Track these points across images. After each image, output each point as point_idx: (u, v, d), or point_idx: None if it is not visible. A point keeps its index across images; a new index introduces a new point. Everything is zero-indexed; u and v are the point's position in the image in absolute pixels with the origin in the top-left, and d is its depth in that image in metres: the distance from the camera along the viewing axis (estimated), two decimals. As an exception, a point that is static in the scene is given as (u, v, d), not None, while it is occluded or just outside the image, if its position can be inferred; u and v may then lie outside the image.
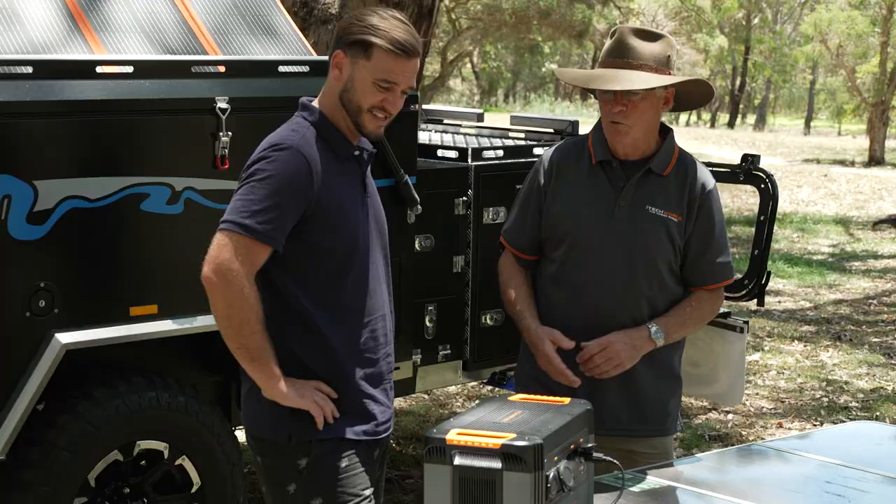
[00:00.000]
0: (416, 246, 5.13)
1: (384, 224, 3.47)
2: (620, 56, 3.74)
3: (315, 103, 3.35)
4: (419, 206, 5.01)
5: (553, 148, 3.98)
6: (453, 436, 2.63)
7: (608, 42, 3.85)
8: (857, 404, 8.02)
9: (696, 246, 3.82)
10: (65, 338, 4.13)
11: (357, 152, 3.36)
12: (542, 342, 3.76)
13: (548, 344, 3.75)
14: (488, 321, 5.41)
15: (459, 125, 6.73)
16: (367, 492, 3.36)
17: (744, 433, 7.35)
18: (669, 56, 3.76)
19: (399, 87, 3.27)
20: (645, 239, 3.76)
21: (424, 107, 6.96)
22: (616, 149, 3.78)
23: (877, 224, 16.87)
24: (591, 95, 3.96)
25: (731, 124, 53.02)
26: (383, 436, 3.42)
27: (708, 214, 3.82)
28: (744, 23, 45.84)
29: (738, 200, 20.84)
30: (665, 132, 3.85)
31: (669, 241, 3.77)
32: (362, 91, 3.26)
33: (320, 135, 3.29)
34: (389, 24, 3.24)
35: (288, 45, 5.01)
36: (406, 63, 3.25)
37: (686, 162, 3.84)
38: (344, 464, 3.31)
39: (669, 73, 3.75)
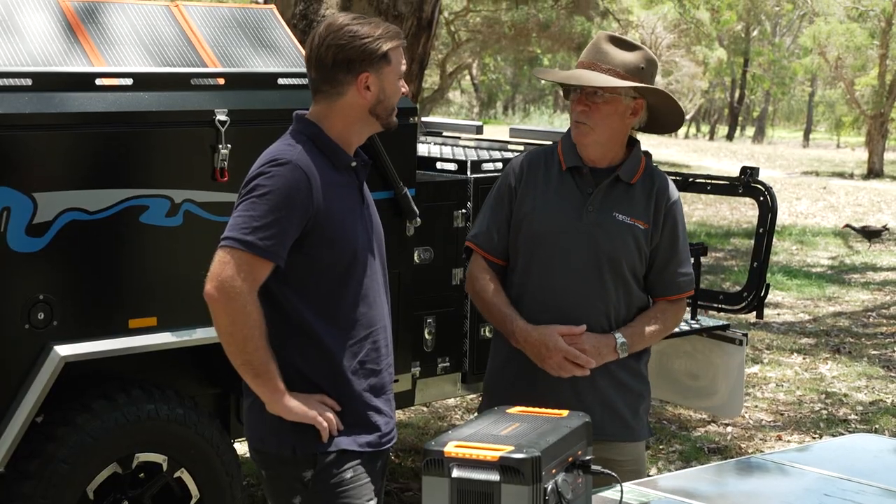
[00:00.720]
0: (416, 258, 5.14)
1: (381, 233, 3.48)
2: (592, 59, 3.82)
3: (310, 116, 3.35)
4: (418, 219, 5.01)
5: (523, 154, 4.01)
6: (451, 448, 2.63)
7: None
8: (856, 417, 8.02)
9: (662, 256, 3.88)
10: (64, 350, 4.13)
11: (354, 163, 3.37)
12: (551, 338, 3.71)
13: (560, 339, 3.71)
14: (487, 333, 5.41)
15: (458, 137, 6.74)
16: (372, 503, 3.36)
17: (743, 446, 7.34)
18: (643, 68, 3.81)
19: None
20: (612, 243, 3.79)
21: (423, 119, 6.97)
22: (582, 152, 3.84)
23: (847, 225, 17.00)
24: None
25: (729, 136, 53.03)
26: (387, 446, 3.43)
27: (673, 224, 3.88)
28: (743, 35, 45.91)
29: (737, 213, 20.85)
30: (632, 144, 3.91)
31: (636, 247, 3.82)
32: (393, 92, 3.34)
33: (317, 147, 3.29)
34: (377, 24, 3.32)
35: (287, 57, 5.01)
36: None
37: (653, 172, 3.91)
38: (349, 475, 3.31)
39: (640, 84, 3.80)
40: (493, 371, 4.00)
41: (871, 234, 16.43)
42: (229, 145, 4.41)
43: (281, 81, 4.70)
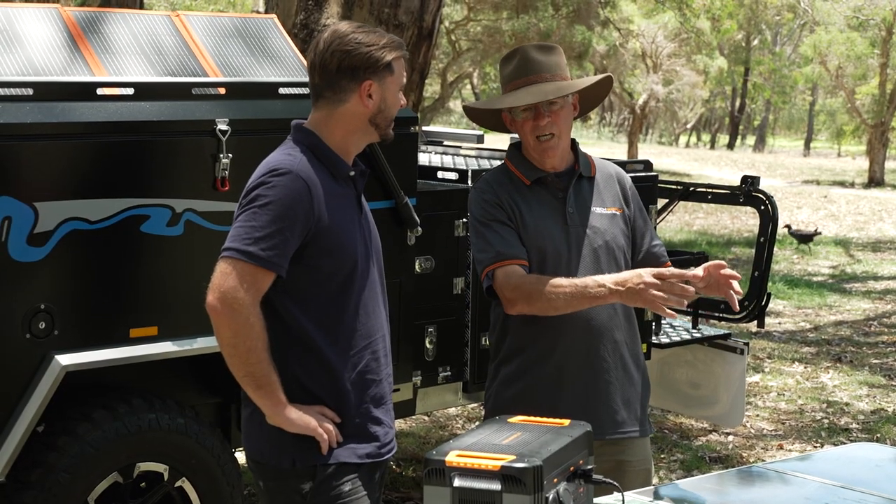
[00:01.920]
0: (417, 267, 5.14)
1: (379, 242, 3.48)
2: (532, 72, 3.85)
3: (308, 125, 3.35)
4: (419, 228, 5.01)
5: (481, 184, 3.93)
6: (453, 458, 2.63)
7: (510, 65, 3.90)
8: (857, 426, 8.01)
9: (640, 233, 3.99)
10: (65, 359, 4.13)
11: (352, 172, 3.37)
12: (644, 271, 3.60)
13: (650, 269, 3.62)
14: (488, 343, 5.40)
15: (459, 147, 6.74)
16: (370, 515, 3.36)
17: (744, 455, 7.34)
18: (564, 63, 3.93)
19: None
20: (604, 237, 3.86)
21: (424, 128, 6.97)
22: (546, 164, 3.87)
23: (787, 225, 17.19)
24: (508, 124, 3.98)
25: (730, 146, 53.08)
26: (386, 456, 3.42)
27: (638, 203, 4.02)
28: (743, 44, 45.96)
29: (738, 222, 20.86)
30: (573, 143, 3.98)
31: (622, 233, 3.92)
32: (393, 103, 3.35)
33: (317, 157, 3.29)
34: (382, 34, 3.33)
35: (288, 66, 5.02)
36: None
37: (601, 162, 4.03)
38: (347, 487, 3.30)
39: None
40: (502, 387, 3.94)
41: (802, 238, 16.91)
42: (230, 155, 4.42)
43: (282, 91, 4.70)
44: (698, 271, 3.67)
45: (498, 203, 3.83)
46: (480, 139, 6.76)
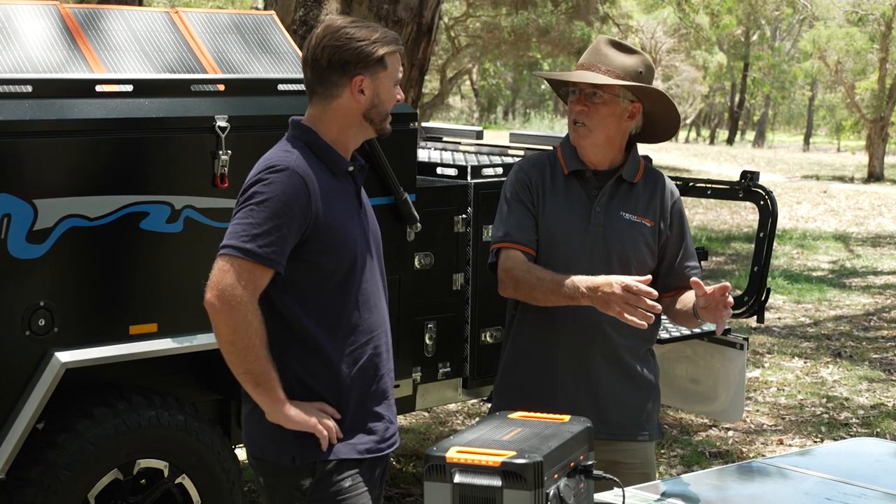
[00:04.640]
0: (416, 263, 5.13)
1: (379, 238, 3.48)
2: (592, 61, 3.87)
3: (305, 121, 3.35)
4: (419, 224, 5.01)
5: (522, 162, 4.03)
6: (453, 454, 2.63)
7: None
8: (857, 420, 8.02)
9: (673, 251, 3.95)
10: (64, 356, 4.12)
11: (351, 168, 3.37)
12: (615, 280, 3.58)
13: (622, 278, 3.59)
14: (488, 338, 5.41)
15: (459, 143, 6.74)
16: (370, 511, 3.36)
17: (744, 450, 7.34)
18: (641, 72, 3.86)
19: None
20: (622, 242, 3.85)
21: (424, 124, 6.97)
22: (583, 155, 3.88)
23: None
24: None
25: (730, 141, 53.05)
26: (387, 451, 3.42)
27: (680, 221, 3.97)
28: (743, 39, 45.95)
29: (738, 217, 20.86)
30: (629, 146, 3.95)
31: (645, 244, 3.88)
32: (388, 98, 3.33)
33: (314, 153, 3.29)
34: (375, 28, 3.32)
35: (287, 63, 5.02)
36: None
37: (653, 172, 3.99)
38: (347, 484, 3.30)
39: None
40: (505, 372, 3.99)
41: None
42: (229, 151, 4.41)
43: (281, 87, 4.70)
44: (706, 289, 3.62)
45: (528, 185, 3.88)
46: (480, 135, 6.76)
